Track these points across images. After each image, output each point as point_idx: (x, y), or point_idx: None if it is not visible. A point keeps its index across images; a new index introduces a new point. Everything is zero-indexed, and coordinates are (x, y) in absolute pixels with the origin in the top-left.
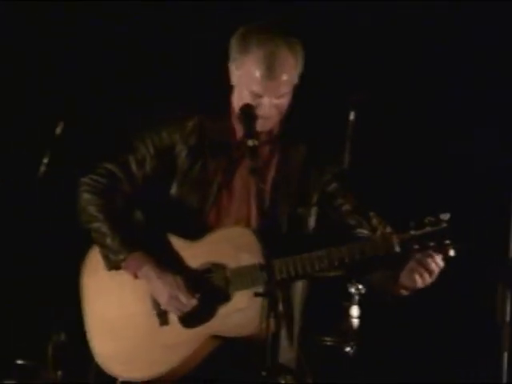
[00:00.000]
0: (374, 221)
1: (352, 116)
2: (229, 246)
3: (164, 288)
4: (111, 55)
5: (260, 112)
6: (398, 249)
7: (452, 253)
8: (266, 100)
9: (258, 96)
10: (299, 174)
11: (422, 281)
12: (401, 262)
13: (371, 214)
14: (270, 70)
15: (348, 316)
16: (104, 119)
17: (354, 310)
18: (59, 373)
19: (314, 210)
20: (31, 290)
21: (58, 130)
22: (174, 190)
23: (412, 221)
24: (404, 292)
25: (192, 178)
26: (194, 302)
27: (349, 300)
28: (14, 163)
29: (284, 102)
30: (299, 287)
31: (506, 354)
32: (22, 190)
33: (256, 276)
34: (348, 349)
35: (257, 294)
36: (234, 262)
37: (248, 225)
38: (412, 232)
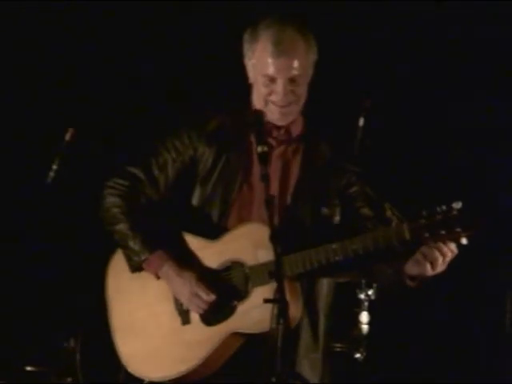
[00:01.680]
0: (389, 212)
1: (361, 122)
2: (247, 243)
3: (184, 286)
4: (123, 61)
5: (276, 98)
6: (408, 237)
7: (464, 241)
8: (279, 83)
9: (272, 80)
10: (322, 174)
11: (432, 267)
12: (407, 253)
13: (386, 205)
14: (279, 46)
15: (358, 322)
16: (115, 125)
17: (364, 316)
18: (69, 379)
19: (338, 210)
20: (39, 296)
21: (68, 137)
22: (196, 192)
23: (424, 210)
24: (410, 283)
25: (216, 174)
26: (213, 297)
27: (358, 306)
28: (23, 169)
29: (300, 90)
30: (324, 288)
31: None
32: (31, 196)
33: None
34: (358, 355)
35: (266, 301)
36: (253, 259)
37: None
38: (423, 220)
